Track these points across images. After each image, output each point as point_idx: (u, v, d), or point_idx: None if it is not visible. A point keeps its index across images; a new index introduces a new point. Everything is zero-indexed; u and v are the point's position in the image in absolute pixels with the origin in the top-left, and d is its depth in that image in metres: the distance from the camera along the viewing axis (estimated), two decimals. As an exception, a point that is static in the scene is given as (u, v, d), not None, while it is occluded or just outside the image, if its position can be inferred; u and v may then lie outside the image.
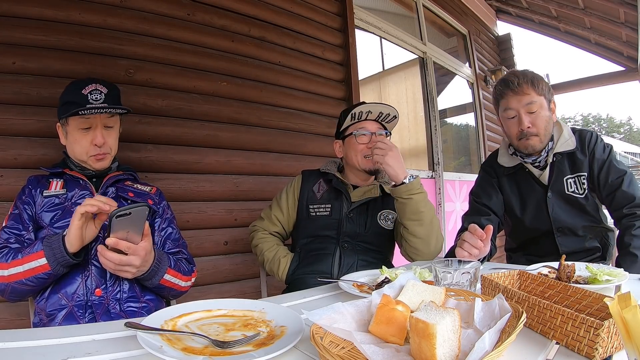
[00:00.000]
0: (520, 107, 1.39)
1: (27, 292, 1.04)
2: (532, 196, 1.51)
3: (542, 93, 1.39)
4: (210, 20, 2.02)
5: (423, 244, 1.38)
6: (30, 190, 1.15)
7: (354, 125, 1.50)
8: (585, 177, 1.44)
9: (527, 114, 1.39)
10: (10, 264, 0.99)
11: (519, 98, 1.39)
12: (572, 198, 1.46)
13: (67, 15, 1.60)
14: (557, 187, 1.47)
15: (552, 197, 1.47)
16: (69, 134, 1.18)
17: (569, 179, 1.46)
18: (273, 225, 1.57)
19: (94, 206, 0.95)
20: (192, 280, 1.23)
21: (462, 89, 4.59)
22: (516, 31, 11.54)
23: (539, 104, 1.39)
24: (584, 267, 1.05)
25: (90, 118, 1.15)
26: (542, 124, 1.39)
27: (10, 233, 1.08)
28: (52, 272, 0.99)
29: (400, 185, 1.34)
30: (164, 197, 1.33)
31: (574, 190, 1.46)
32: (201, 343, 0.64)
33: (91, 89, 1.15)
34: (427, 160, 3.74)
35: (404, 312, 0.61)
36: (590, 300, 0.72)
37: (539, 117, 1.39)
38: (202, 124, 1.94)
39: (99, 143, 1.16)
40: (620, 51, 4.53)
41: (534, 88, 1.38)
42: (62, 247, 0.98)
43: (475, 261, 0.84)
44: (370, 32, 3.15)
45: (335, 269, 1.41)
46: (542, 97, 1.39)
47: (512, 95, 1.40)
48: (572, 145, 1.44)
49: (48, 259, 0.97)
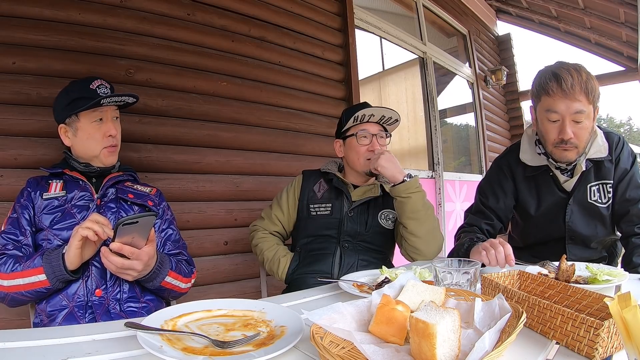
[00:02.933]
0: (567, 114, 1.22)
1: (26, 301, 1.07)
2: (551, 201, 1.39)
3: (592, 101, 1.22)
4: (210, 20, 2.02)
5: (423, 243, 1.38)
6: (29, 193, 1.15)
7: (355, 126, 1.50)
8: (611, 186, 1.34)
9: (572, 123, 1.22)
10: (10, 275, 1.00)
11: (568, 103, 1.20)
12: (593, 207, 1.35)
13: (67, 15, 1.60)
14: (579, 195, 1.35)
15: (572, 204, 1.36)
16: (79, 131, 1.18)
17: (593, 187, 1.35)
18: (273, 224, 1.57)
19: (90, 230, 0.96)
20: (191, 282, 1.23)
21: (462, 89, 4.60)
22: (516, 31, 11.51)
23: (587, 114, 1.22)
24: (584, 267, 1.05)
25: (103, 111, 1.18)
26: (585, 136, 1.25)
27: (8, 239, 1.08)
28: (52, 287, 1.01)
29: (399, 185, 1.36)
30: (164, 198, 1.33)
31: (597, 199, 1.35)
32: (201, 343, 0.64)
33: (98, 84, 1.18)
34: (427, 160, 3.74)
35: (404, 312, 0.61)
36: (590, 300, 0.72)
37: (583, 128, 1.23)
38: (202, 124, 1.94)
39: (114, 133, 1.21)
40: (620, 51, 4.53)
41: (587, 94, 1.20)
42: (62, 265, 1.00)
43: (475, 261, 0.84)
44: (370, 32, 3.15)
45: (335, 268, 1.41)
46: (591, 106, 1.22)
47: (560, 97, 1.21)
48: (605, 152, 1.31)
49: (47, 276, 0.99)
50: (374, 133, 1.48)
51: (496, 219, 1.46)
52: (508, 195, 1.45)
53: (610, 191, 1.34)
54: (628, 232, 1.33)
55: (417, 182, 1.38)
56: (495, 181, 1.48)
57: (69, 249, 0.99)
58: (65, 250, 1.00)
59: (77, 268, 1.02)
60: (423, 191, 1.39)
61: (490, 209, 1.46)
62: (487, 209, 1.47)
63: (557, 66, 1.25)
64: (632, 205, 1.32)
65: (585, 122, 1.23)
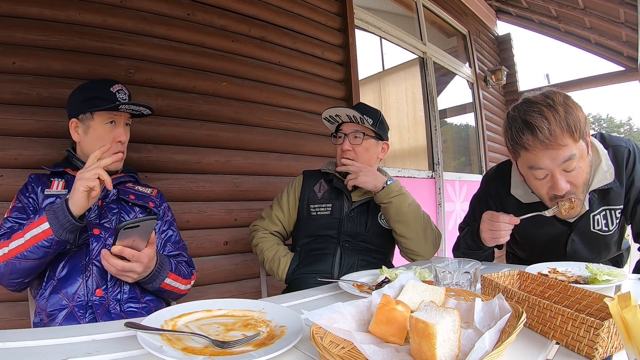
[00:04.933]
0: (555, 167, 1.01)
1: (28, 268, 0.98)
2: (550, 232, 1.24)
3: (581, 136, 0.99)
4: (210, 20, 2.02)
5: (415, 244, 1.41)
6: (32, 187, 1.14)
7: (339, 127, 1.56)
8: (620, 211, 1.15)
9: (563, 173, 1.02)
10: (12, 239, 0.98)
11: (552, 154, 0.99)
12: (597, 236, 1.19)
13: (67, 15, 1.60)
14: (582, 226, 1.19)
15: (574, 235, 1.22)
16: (91, 129, 1.18)
17: (596, 215, 1.17)
18: (274, 224, 1.57)
19: (97, 180, 0.96)
20: (191, 283, 1.23)
21: (462, 89, 4.60)
22: (516, 31, 11.51)
23: (579, 155, 1.00)
24: (584, 267, 1.05)
25: (117, 115, 1.19)
26: (583, 178, 1.05)
27: (14, 222, 1.07)
28: (55, 236, 0.95)
29: (379, 192, 1.40)
30: (164, 199, 1.33)
31: (601, 227, 1.18)
32: (201, 343, 0.64)
33: (118, 89, 1.20)
34: (427, 160, 3.74)
35: (404, 312, 0.61)
36: (590, 300, 0.72)
37: (579, 172, 1.03)
38: (202, 124, 1.94)
39: (123, 140, 1.21)
40: (620, 51, 4.53)
41: (572, 134, 0.97)
42: (66, 210, 0.96)
43: (475, 261, 0.84)
44: (370, 32, 3.15)
45: (335, 269, 1.41)
46: (581, 142, 1.00)
47: (541, 149, 0.99)
48: (611, 178, 1.10)
49: (51, 223, 0.95)
50: (346, 133, 1.50)
51: None
52: None
53: (618, 217, 1.16)
54: None
55: (397, 186, 1.41)
56: (485, 205, 1.34)
57: (73, 193, 0.96)
58: (69, 197, 0.97)
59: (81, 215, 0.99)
60: (406, 194, 1.42)
61: None
62: None
63: (526, 110, 1.03)
64: None
65: (579, 164, 1.03)
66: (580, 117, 1.00)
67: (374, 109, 1.54)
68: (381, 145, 1.55)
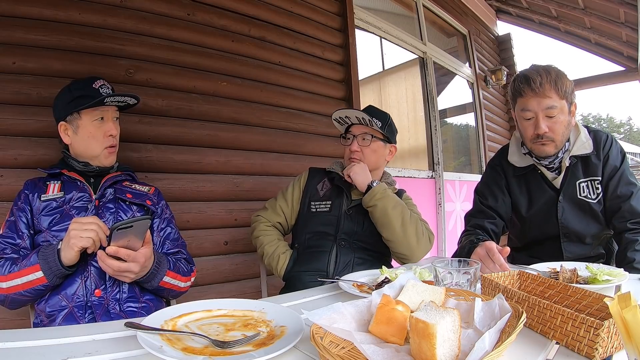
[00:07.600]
0: (539, 110, 1.30)
1: (26, 301, 1.07)
2: (542, 199, 1.44)
3: (564, 96, 1.29)
4: (210, 20, 2.02)
5: (403, 247, 1.41)
6: (26, 196, 1.15)
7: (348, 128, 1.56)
8: (599, 182, 1.38)
9: (545, 118, 1.30)
10: (8, 276, 1.00)
11: (539, 100, 1.29)
12: (584, 203, 1.39)
13: (67, 15, 1.60)
14: (569, 191, 1.40)
15: (563, 201, 1.41)
16: (80, 129, 1.18)
17: (582, 183, 1.39)
18: (277, 215, 1.57)
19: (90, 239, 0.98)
20: (191, 281, 1.23)
21: (462, 89, 4.59)
22: (516, 31, 11.51)
23: (559, 108, 1.29)
24: (584, 267, 1.05)
25: (104, 110, 1.20)
26: (560, 129, 1.31)
27: (6, 243, 1.09)
28: (49, 284, 1.01)
29: (365, 195, 1.42)
30: (162, 197, 1.32)
31: (587, 194, 1.39)
32: (201, 343, 0.64)
33: (100, 84, 1.20)
34: (427, 160, 3.74)
35: (404, 312, 0.61)
36: (590, 300, 0.72)
37: (557, 122, 1.30)
38: (202, 124, 1.94)
39: (114, 133, 1.22)
40: (620, 51, 4.53)
41: (557, 91, 1.27)
42: (58, 261, 0.99)
43: (475, 261, 0.84)
44: (370, 32, 3.15)
45: (331, 266, 1.42)
46: (563, 101, 1.29)
47: (531, 96, 1.29)
48: (589, 148, 1.37)
49: (44, 272, 0.99)
50: (355, 134, 1.51)
51: (498, 217, 1.48)
52: (506, 194, 1.50)
53: (598, 187, 1.38)
54: (620, 228, 1.35)
55: (381, 189, 1.42)
56: (492, 181, 1.54)
57: (67, 250, 0.99)
58: (61, 246, 1.00)
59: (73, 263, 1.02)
60: (390, 197, 1.42)
61: (491, 208, 1.48)
62: (488, 208, 1.49)
63: (528, 69, 1.34)
64: (624, 202, 1.34)
65: (558, 116, 1.30)
66: (567, 84, 1.29)
67: (383, 112, 1.56)
68: (389, 148, 1.56)
